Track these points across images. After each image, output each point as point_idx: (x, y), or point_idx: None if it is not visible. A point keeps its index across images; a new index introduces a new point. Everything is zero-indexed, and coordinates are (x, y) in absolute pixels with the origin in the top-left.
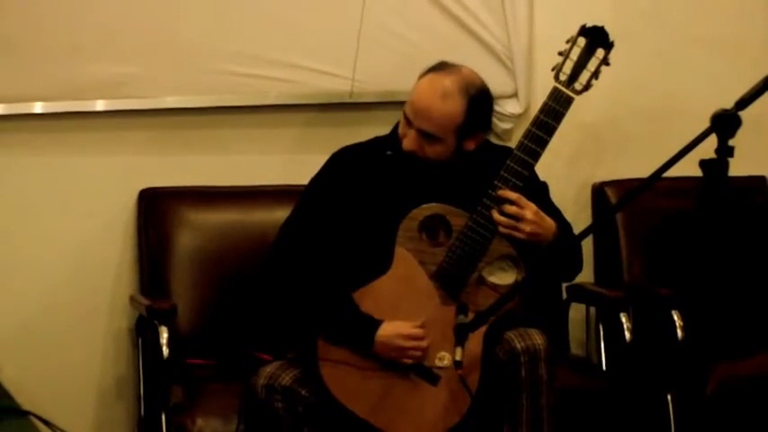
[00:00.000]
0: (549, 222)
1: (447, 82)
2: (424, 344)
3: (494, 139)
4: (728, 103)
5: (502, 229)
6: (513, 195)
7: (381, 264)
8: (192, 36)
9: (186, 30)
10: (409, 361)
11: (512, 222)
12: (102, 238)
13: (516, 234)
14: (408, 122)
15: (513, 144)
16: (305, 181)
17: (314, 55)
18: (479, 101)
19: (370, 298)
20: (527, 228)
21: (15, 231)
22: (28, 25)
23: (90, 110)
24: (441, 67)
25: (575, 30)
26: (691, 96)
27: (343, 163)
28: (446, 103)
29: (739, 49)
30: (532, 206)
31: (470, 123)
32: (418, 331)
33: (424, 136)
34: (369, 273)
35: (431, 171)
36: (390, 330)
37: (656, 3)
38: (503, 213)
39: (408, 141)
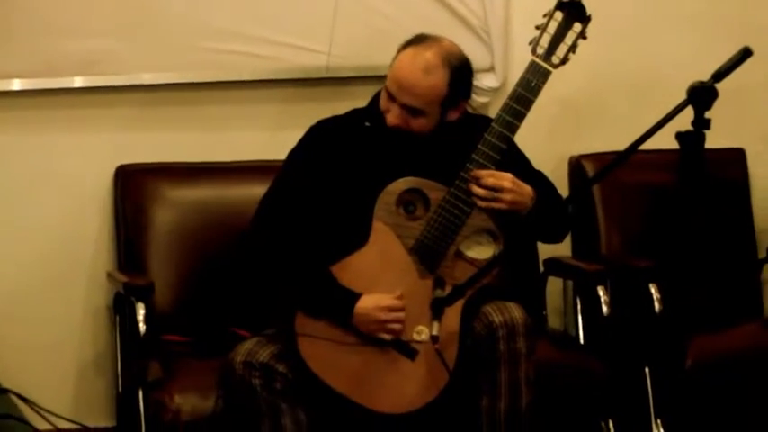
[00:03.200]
0: (527, 189)
1: (428, 55)
2: (402, 315)
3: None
4: (705, 76)
5: (481, 203)
6: (485, 173)
7: (359, 237)
8: (169, 12)
9: (162, 6)
10: (388, 336)
11: (491, 194)
12: (79, 215)
13: (496, 205)
14: (391, 97)
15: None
16: (283, 156)
17: (290, 30)
18: (461, 71)
19: (349, 272)
20: (507, 197)
21: None
22: (3, 4)
23: (67, 86)
24: (420, 39)
25: (550, 4)
26: (668, 69)
27: (320, 135)
28: (430, 76)
29: (715, 21)
30: (508, 175)
31: (454, 94)
32: (397, 302)
33: (409, 110)
34: (347, 246)
35: (410, 143)
36: (370, 303)
37: None
38: (481, 187)
39: (392, 116)
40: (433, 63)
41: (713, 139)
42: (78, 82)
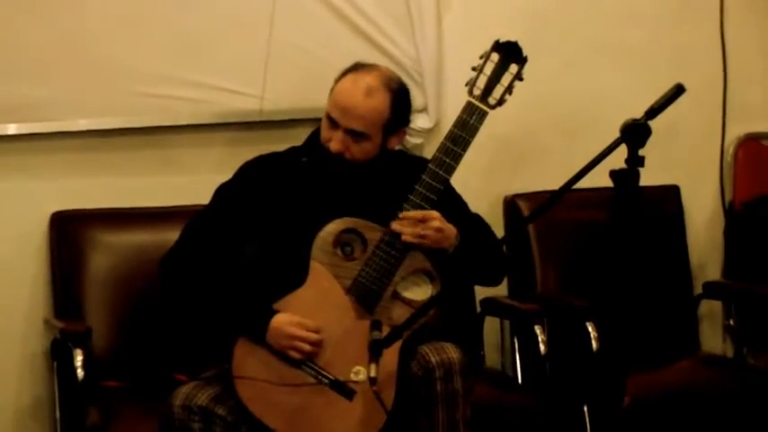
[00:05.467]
0: (451, 227)
1: (368, 79)
2: (315, 337)
3: None
4: (639, 114)
5: (407, 238)
6: (417, 214)
7: (297, 277)
8: (103, 58)
9: (97, 51)
10: (297, 355)
11: (416, 231)
12: (14, 261)
13: (422, 241)
14: (333, 124)
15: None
16: None
17: (223, 74)
18: (401, 94)
19: (286, 311)
20: (434, 223)
21: None
22: None
23: (1, 133)
24: (357, 67)
25: (484, 44)
26: (602, 107)
27: (255, 170)
28: (372, 98)
29: (649, 58)
30: (436, 213)
31: (395, 117)
32: (311, 323)
33: (352, 135)
34: (284, 285)
35: (347, 177)
36: (284, 318)
37: (564, 15)
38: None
39: (335, 143)
40: (374, 86)
41: (648, 177)
42: (13, 129)
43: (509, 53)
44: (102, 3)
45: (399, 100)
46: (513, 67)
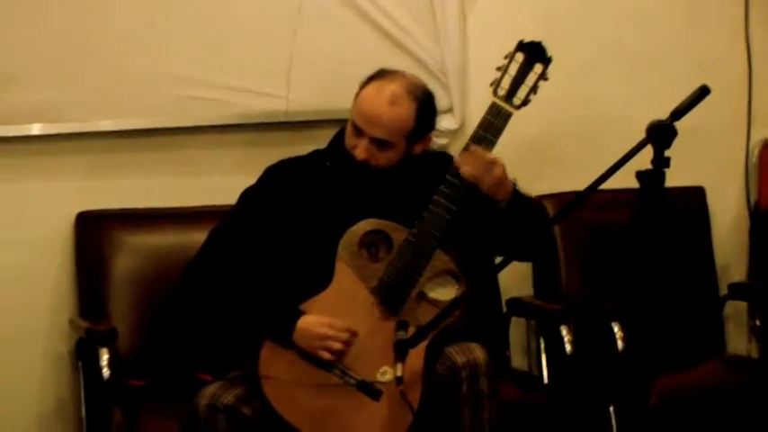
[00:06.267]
0: (509, 183)
1: (393, 87)
2: (345, 336)
3: None
4: (664, 115)
5: (466, 171)
6: (485, 153)
7: (322, 279)
8: (128, 59)
9: (122, 53)
10: (327, 355)
11: (477, 170)
12: (40, 261)
13: (482, 179)
14: (358, 132)
15: None
16: None
17: (248, 75)
18: (426, 101)
19: (311, 312)
20: (497, 171)
21: None
22: None
23: (26, 134)
24: (382, 74)
25: (508, 45)
26: (627, 108)
27: (279, 175)
28: (396, 108)
29: (673, 59)
30: (501, 161)
31: (420, 125)
32: (340, 322)
33: (377, 143)
34: (310, 288)
35: (372, 182)
36: (312, 318)
37: (588, 16)
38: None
39: (361, 151)
40: (399, 94)
41: (673, 178)
42: (37, 129)
43: (534, 53)
44: (127, 5)
45: (424, 107)
46: (538, 67)
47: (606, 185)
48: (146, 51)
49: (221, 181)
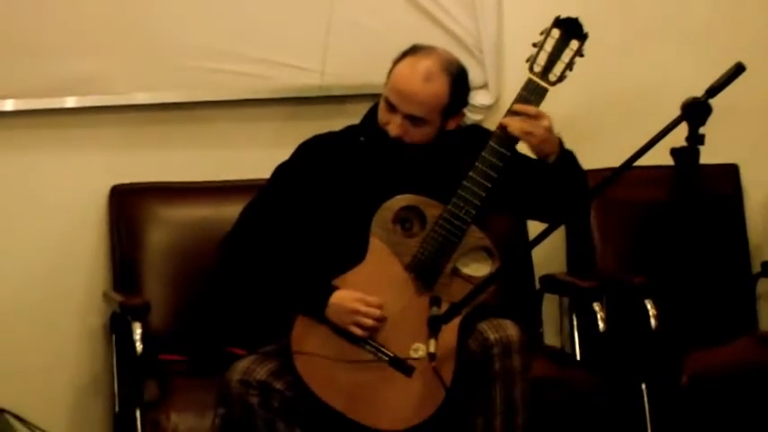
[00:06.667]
0: (556, 137)
1: (428, 63)
2: (378, 312)
3: None
4: (699, 92)
5: (514, 130)
6: (531, 109)
7: (356, 254)
8: (162, 32)
9: (156, 25)
10: (359, 331)
11: (524, 126)
12: (74, 235)
13: (528, 138)
14: (392, 109)
15: None
16: None
17: (283, 49)
18: (460, 77)
19: (345, 288)
20: (545, 123)
21: None
22: None
23: (61, 107)
24: (415, 50)
25: (544, 21)
26: (662, 86)
27: (313, 150)
28: (431, 84)
29: (708, 37)
30: (547, 115)
31: (454, 101)
32: (374, 299)
33: (411, 120)
34: (344, 263)
35: (407, 158)
36: (346, 294)
37: None
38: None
39: (394, 127)
40: (433, 71)
41: (707, 155)
42: (71, 102)
43: (570, 29)
44: None
45: (458, 83)
46: (574, 44)
47: (641, 162)
48: (181, 24)
49: (255, 155)
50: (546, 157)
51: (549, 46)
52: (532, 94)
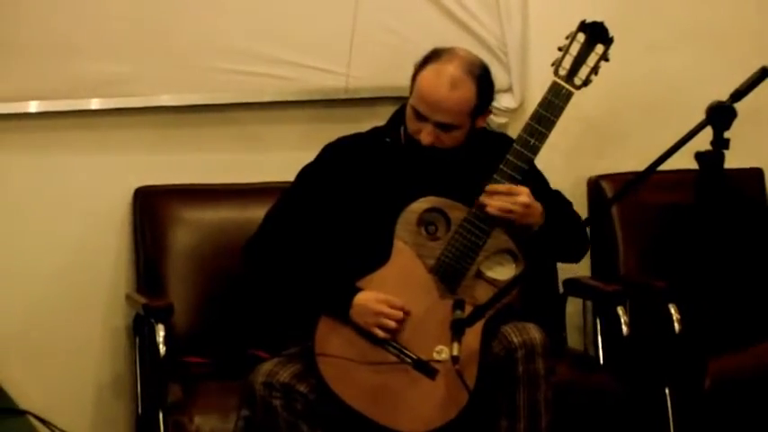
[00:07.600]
0: (538, 204)
1: (452, 69)
2: (400, 314)
3: None
4: (724, 96)
5: (493, 211)
6: (505, 187)
7: (380, 256)
8: (187, 34)
9: (180, 28)
10: (381, 333)
11: (503, 204)
12: (98, 236)
13: (508, 215)
14: (420, 118)
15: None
16: None
17: (308, 51)
18: (485, 77)
19: (368, 289)
20: (521, 198)
21: (11, 231)
22: (22, 25)
23: (85, 108)
24: (437, 55)
25: (569, 24)
26: (686, 89)
27: (338, 152)
28: (458, 91)
29: (733, 41)
30: (524, 188)
31: (482, 102)
32: (397, 300)
33: (441, 127)
34: (367, 265)
35: (431, 160)
36: (370, 295)
37: None
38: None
39: (426, 135)
40: (458, 77)
41: (732, 159)
42: (96, 104)
43: (595, 33)
44: None
45: (483, 84)
46: (600, 48)
47: (665, 166)
48: (206, 26)
49: (280, 157)
50: (530, 226)
51: (574, 50)
52: (557, 97)
